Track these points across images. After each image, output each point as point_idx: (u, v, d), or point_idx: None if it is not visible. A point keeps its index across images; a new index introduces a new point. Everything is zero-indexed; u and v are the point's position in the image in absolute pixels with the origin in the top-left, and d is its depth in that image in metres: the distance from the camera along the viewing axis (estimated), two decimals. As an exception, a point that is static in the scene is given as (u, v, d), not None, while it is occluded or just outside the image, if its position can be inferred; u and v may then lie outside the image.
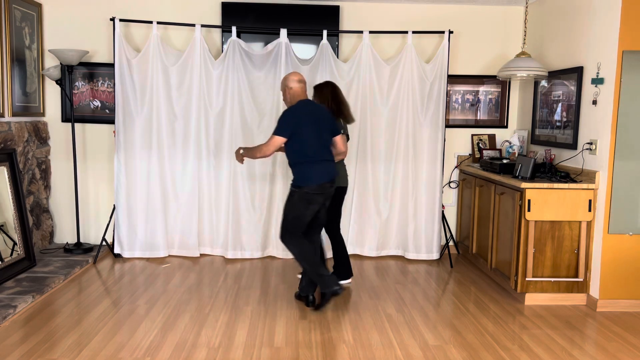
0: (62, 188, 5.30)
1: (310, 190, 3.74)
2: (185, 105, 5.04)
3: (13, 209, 4.45)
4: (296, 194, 3.78)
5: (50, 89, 5.19)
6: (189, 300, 4.02)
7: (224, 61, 5.02)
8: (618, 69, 3.81)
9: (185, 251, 5.17)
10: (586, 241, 4.05)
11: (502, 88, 5.44)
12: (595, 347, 3.36)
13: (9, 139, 4.51)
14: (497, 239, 4.50)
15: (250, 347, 3.24)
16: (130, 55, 4.96)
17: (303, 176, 3.77)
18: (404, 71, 5.08)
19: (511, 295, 4.27)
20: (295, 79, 3.89)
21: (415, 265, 5.04)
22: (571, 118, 4.37)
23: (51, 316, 3.65)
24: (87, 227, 5.37)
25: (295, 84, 3.89)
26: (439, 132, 5.12)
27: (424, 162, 5.17)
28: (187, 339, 3.34)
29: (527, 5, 4.84)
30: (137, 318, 3.65)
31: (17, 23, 4.65)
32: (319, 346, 3.28)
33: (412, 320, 3.72)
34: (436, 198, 5.17)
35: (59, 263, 4.66)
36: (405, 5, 5.29)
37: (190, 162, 5.08)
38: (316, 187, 3.74)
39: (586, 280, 4.08)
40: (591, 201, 3.99)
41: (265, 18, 5.14)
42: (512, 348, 3.31)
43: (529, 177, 4.14)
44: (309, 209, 3.78)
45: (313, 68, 5.07)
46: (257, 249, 5.17)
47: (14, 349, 3.15)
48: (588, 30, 4.18)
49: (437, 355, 3.19)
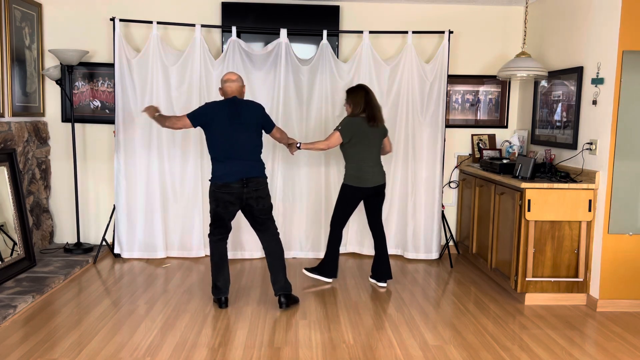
0: (62, 188, 5.30)
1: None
2: (185, 105, 5.03)
3: (13, 209, 4.45)
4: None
5: (50, 89, 5.19)
6: (189, 300, 4.02)
7: (224, 61, 5.02)
8: (618, 69, 3.81)
9: (185, 252, 5.16)
10: (586, 241, 4.05)
11: (502, 88, 5.44)
12: (595, 347, 3.36)
13: (9, 139, 4.51)
14: (497, 239, 4.51)
15: (250, 347, 3.24)
16: (130, 55, 4.96)
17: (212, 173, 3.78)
18: (404, 71, 5.08)
19: (511, 295, 4.27)
20: (228, 78, 3.82)
21: (415, 265, 5.04)
22: (571, 118, 4.37)
23: (51, 316, 3.65)
24: (87, 227, 5.37)
25: (223, 83, 3.82)
26: (439, 132, 5.12)
27: (424, 162, 5.17)
28: (187, 339, 3.34)
29: (527, 5, 4.84)
30: (137, 318, 3.65)
31: (17, 23, 4.65)
32: (319, 346, 3.28)
33: (412, 320, 3.72)
34: (436, 198, 5.17)
35: (59, 263, 4.66)
36: (405, 5, 5.29)
37: (190, 162, 5.08)
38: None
39: (586, 280, 4.08)
40: (591, 201, 3.99)
41: (265, 18, 5.14)
42: (512, 348, 3.31)
43: (529, 177, 4.14)
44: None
45: (313, 68, 5.07)
46: (257, 250, 5.17)
47: (14, 349, 3.15)
48: (588, 30, 4.18)
49: (437, 355, 3.20)
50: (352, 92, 4.23)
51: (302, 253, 5.24)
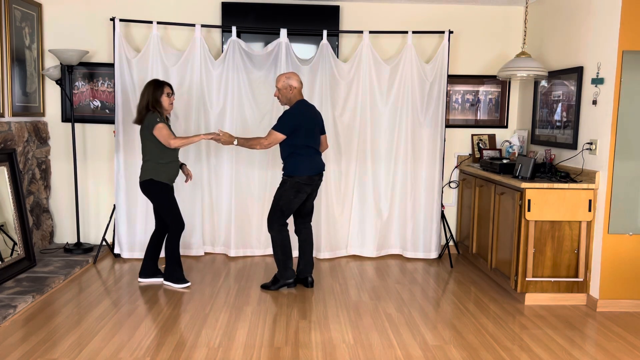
0: (62, 188, 5.30)
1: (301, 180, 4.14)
2: (186, 105, 5.04)
3: (13, 209, 4.45)
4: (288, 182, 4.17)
5: (50, 89, 5.19)
6: (189, 300, 4.02)
7: (224, 61, 5.02)
8: (618, 69, 3.81)
9: (186, 250, 5.17)
10: (586, 241, 4.05)
11: (502, 88, 5.44)
12: (595, 347, 3.36)
13: (9, 139, 4.51)
14: (497, 239, 4.51)
15: (250, 347, 3.24)
16: (130, 55, 4.96)
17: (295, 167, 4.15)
18: (404, 71, 5.08)
19: (511, 295, 4.27)
20: (299, 79, 4.17)
21: (415, 265, 5.04)
22: (571, 118, 4.37)
23: (51, 316, 3.65)
24: (87, 227, 5.37)
25: (299, 84, 4.16)
26: (439, 132, 5.12)
27: (424, 162, 5.17)
28: (187, 339, 3.34)
29: (527, 5, 4.84)
30: (137, 318, 3.66)
31: (17, 23, 4.65)
32: (319, 346, 3.28)
33: (412, 320, 3.72)
34: (435, 198, 5.17)
35: (59, 263, 4.66)
36: (405, 5, 5.29)
37: (191, 162, 5.08)
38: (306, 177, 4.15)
39: (586, 280, 4.08)
40: (591, 201, 3.99)
41: (265, 18, 5.14)
42: (512, 348, 3.31)
43: (529, 177, 4.14)
44: (297, 197, 4.16)
45: (313, 68, 5.07)
46: (259, 247, 5.19)
47: (14, 349, 3.15)
48: (588, 30, 4.18)
49: (437, 355, 3.20)
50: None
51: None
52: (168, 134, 4.03)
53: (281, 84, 4.12)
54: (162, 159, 4.13)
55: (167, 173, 4.18)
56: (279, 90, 4.14)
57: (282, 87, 4.12)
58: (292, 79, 4.13)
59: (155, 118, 4.06)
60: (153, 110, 4.11)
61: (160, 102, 4.14)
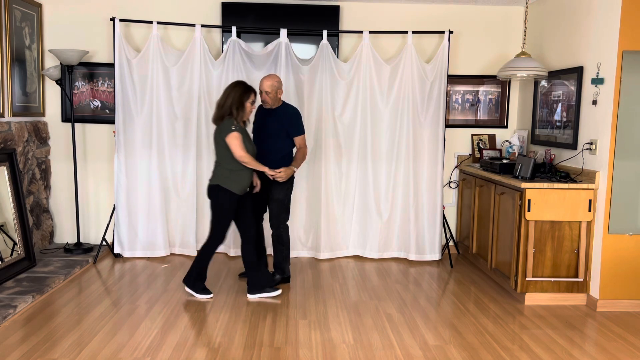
0: (62, 188, 5.30)
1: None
2: (186, 106, 5.04)
3: (13, 209, 4.45)
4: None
5: (50, 89, 5.19)
6: (189, 300, 4.02)
7: (224, 61, 5.02)
8: (618, 69, 3.81)
9: (187, 250, 5.17)
10: (586, 241, 4.05)
11: (502, 88, 5.45)
12: (595, 347, 3.37)
13: (9, 139, 4.51)
14: (497, 239, 4.51)
15: (250, 347, 3.24)
16: (130, 55, 4.96)
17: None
18: (404, 71, 5.08)
19: (511, 295, 4.27)
20: (279, 81, 4.24)
21: (416, 266, 5.04)
22: (571, 118, 4.37)
23: (51, 316, 3.65)
24: (87, 227, 5.37)
25: (280, 85, 4.24)
26: (439, 132, 5.12)
27: (425, 162, 5.17)
28: (187, 339, 3.34)
29: (527, 5, 4.84)
30: (137, 318, 3.66)
31: (17, 23, 4.65)
32: (319, 346, 3.28)
33: (412, 320, 3.72)
34: (437, 198, 5.17)
35: (59, 263, 4.66)
36: (405, 5, 5.29)
37: (191, 162, 5.08)
38: None
39: (586, 280, 4.08)
40: (591, 201, 3.99)
41: (265, 18, 5.14)
42: (512, 348, 3.31)
43: (529, 177, 4.14)
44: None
45: (313, 68, 5.07)
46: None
47: (14, 349, 3.15)
48: (588, 30, 4.18)
49: (437, 355, 3.20)
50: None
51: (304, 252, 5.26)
52: (240, 145, 3.87)
53: (276, 86, 4.17)
54: (232, 166, 3.94)
55: (238, 182, 3.95)
56: (271, 92, 4.15)
57: (276, 88, 4.18)
58: (279, 79, 4.22)
59: (231, 125, 3.89)
60: (232, 113, 3.93)
61: (244, 107, 3.97)
